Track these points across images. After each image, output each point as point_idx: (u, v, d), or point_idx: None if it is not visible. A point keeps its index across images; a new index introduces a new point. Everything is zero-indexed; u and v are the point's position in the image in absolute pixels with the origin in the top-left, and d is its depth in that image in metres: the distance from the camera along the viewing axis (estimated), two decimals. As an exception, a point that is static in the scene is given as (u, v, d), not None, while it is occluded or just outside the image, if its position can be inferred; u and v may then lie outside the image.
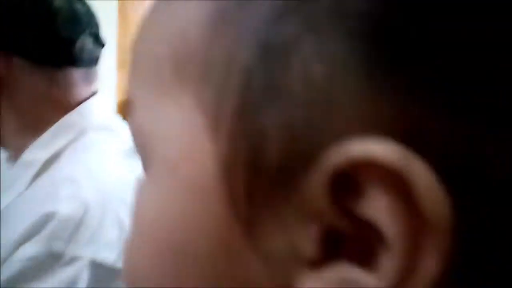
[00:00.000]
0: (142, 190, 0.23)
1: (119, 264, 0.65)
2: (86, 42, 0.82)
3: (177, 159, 0.21)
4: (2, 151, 0.85)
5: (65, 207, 0.66)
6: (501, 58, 0.17)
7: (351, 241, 0.18)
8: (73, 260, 0.64)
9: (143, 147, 0.23)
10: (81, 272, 0.64)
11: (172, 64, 0.21)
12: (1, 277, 0.64)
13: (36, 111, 0.79)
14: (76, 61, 0.80)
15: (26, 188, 0.74)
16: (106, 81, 0.94)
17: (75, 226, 0.66)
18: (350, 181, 0.17)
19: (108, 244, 0.67)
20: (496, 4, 0.17)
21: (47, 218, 0.65)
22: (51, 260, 0.64)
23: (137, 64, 0.24)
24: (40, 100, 0.79)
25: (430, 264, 0.16)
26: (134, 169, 0.76)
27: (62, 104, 0.79)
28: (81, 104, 0.81)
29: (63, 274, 0.64)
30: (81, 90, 0.81)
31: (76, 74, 0.80)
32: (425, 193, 0.16)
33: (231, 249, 0.20)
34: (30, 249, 0.65)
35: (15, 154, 0.82)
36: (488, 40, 0.17)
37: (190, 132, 0.20)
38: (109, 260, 0.66)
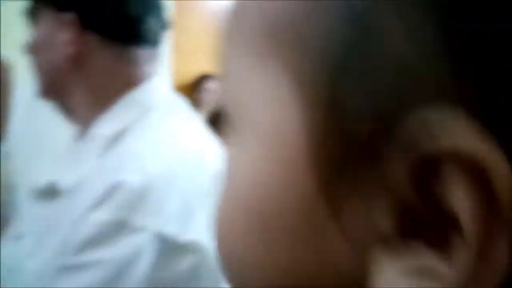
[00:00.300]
0: (232, 157, 0.24)
1: (181, 239, 0.68)
2: (151, 22, 0.85)
3: (266, 128, 0.22)
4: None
5: (132, 178, 0.69)
6: None
7: (426, 227, 0.18)
8: (138, 229, 0.67)
9: (234, 116, 0.24)
10: (145, 242, 0.66)
11: (265, 34, 0.22)
12: (71, 244, 0.68)
13: (104, 86, 0.83)
14: (142, 40, 0.84)
15: (95, 161, 0.77)
16: (161, 64, 0.98)
17: (141, 197, 0.68)
18: (432, 165, 0.18)
19: (171, 218, 0.68)
20: None
21: (115, 188, 0.68)
22: (117, 228, 0.67)
23: (231, 36, 0.25)
24: (109, 76, 0.83)
25: (500, 254, 0.17)
26: (195, 147, 0.80)
27: (128, 81, 0.83)
28: (145, 83, 0.84)
29: (129, 242, 0.66)
30: (145, 69, 0.85)
31: (142, 52, 0.84)
32: (502, 183, 0.17)
33: (315, 222, 0.20)
34: (98, 216, 0.67)
35: (83, 128, 0.86)
36: None
37: (279, 101, 0.21)
38: (172, 234, 0.68)
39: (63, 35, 0.81)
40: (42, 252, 0.71)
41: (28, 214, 0.90)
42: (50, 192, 0.80)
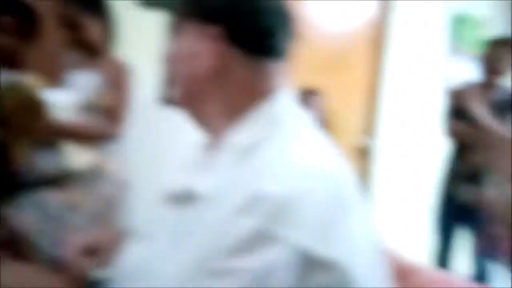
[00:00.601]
0: None
1: (319, 254, 0.67)
2: (283, 35, 0.87)
3: None
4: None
5: (272, 189, 0.69)
6: None
7: None
8: (279, 240, 0.66)
9: None
10: (285, 254, 0.66)
11: None
12: (215, 250, 0.68)
13: (238, 98, 0.86)
14: (275, 53, 0.87)
15: (232, 169, 0.78)
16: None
17: (282, 208, 0.67)
18: None
19: (310, 231, 0.68)
20: None
21: (256, 197, 0.68)
22: (260, 238, 0.66)
23: None
24: (243, 88, 0.85)
25: None
26: (327, 160, 0.79)
27: (260, 93, 0.85)
28: (276, 95, 0.86)
29: (270, 253, 0.66)
30: (276, 82, 0.87)
31: (273, 65, 0.87)
32: None
33: None
34: (243, 225, 0.67)
35: (215, 137, 0.89)
36: None
37: None
38: (311, 248, 0.67)
39: (208, 47, 0.84)
40: (179, 256, 0.72)
41: (156, 217, 0.93)
42: (186, 198, 0.82)
